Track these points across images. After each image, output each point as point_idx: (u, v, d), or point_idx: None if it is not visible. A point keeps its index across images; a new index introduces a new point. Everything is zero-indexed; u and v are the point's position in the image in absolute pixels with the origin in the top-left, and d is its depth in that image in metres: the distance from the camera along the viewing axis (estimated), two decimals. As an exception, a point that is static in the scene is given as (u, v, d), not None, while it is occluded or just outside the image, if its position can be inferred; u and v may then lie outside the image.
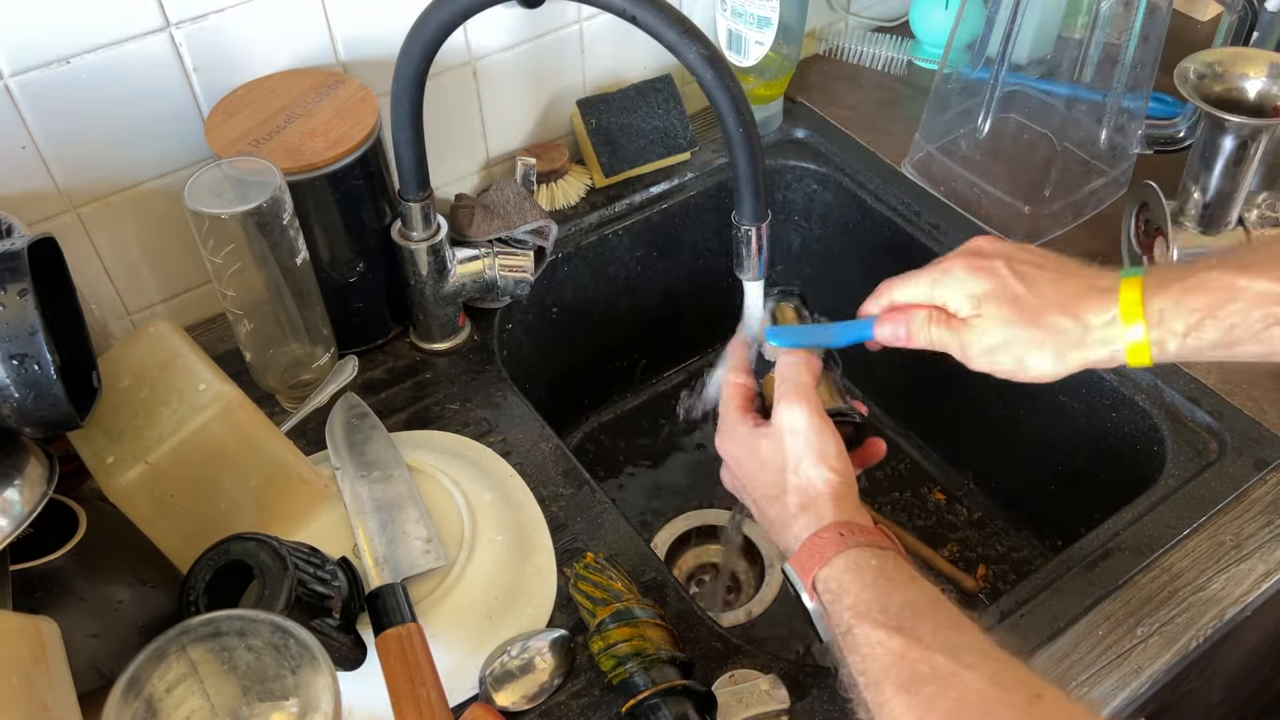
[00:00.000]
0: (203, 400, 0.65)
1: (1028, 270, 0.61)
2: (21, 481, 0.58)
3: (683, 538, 1.00)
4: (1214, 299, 0.56)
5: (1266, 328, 0.55)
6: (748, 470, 0.66)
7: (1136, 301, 0.57)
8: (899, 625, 0.53)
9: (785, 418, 0.63)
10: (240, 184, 0.71)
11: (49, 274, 0.60)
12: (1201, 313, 0.56)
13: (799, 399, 0.63)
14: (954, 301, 0.62)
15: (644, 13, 0.64)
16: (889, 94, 1.12)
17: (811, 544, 0.59)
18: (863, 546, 0.58)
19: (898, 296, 0.65)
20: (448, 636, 0.66)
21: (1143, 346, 0.58)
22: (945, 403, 1.05)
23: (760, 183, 0.67)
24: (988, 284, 0.61)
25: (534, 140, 1.01)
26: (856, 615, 0.55)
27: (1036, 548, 0.99)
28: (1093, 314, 0.59)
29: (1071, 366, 0.60)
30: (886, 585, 0.56)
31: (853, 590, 0.56)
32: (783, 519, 0.63)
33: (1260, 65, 0.86)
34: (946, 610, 0.55)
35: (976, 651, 0.52)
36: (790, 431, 0.62)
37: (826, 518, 0.60)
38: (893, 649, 0.53)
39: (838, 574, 0.57)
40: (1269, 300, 0.55)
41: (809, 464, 0.61)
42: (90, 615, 0.60)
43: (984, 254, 0.63)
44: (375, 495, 0.72)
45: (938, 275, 0.63)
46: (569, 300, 1.00)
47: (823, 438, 0.62)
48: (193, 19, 0.77)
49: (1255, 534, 0.74)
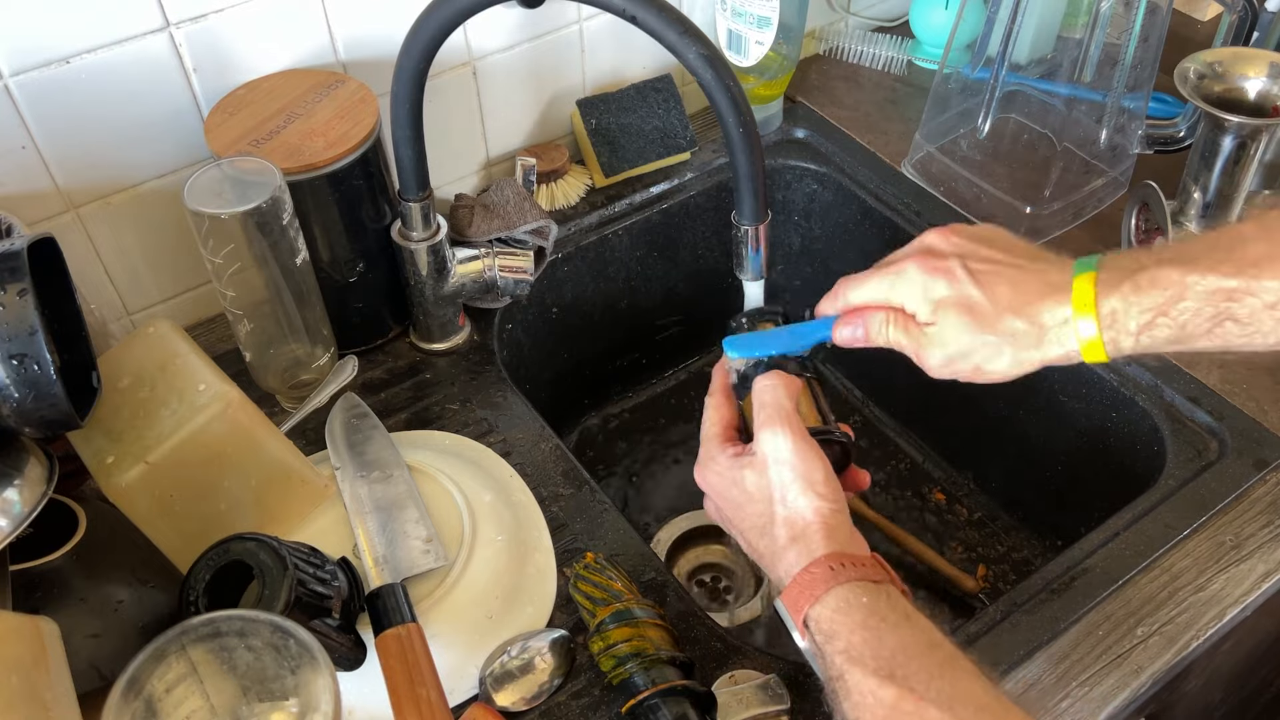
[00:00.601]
0: (203, 400, 0.65)
1: (983, 270, 0.60)
2: (21, 481, 0.58)
3: (683, 538, 1.00)
4: (1165, 298, 0.55)
5: (1218, 324, 0.55)
6: (732, 502, 0.63)
7: (1089, 303, 0.57)
8: (891, 673, 0.52)
9: (768, 445, 0.61)
10: (240, 184, 0.71)
11: (49, 274, 0.60)
12: (1153, 312, 0.56)
13: (780, 424, 0.61)
14: (910, 304, 0.62)
15: (644, 13, 0.64)
16: (889, 94, 1.12)
17: (801, 580, 0.57)
18: (854, 582, 0.56)
19: (853, 298, 0.65)
20: (448, 636, 0.66)
21: (1097, 345, 0.57)
22: (945, 403, 1.05)
23: (760, 183, 0.67)
24: (944, 289, 0.61)
25: (534, 140, 1.01)
26: (848, 660, 0.53)
27: (1036, 548, 0.99)
28: (1047, 315, 0.58)
29: (1028, 367, 0.60)
30: (878, 626, 0.54)
31: (844, 632, 0.55)
32: (772, 552, 0.60)
33: (1260, 65, 0.86)
34: (942, 653, 0.53)
35: (971, 704, 0.51)
36: (774, 461, 0.60)
37: (817, 550, 0.58)
38: (884, 700, 0.51)
39: (829, 613, 0.55)
40: (1219, 297, 0.54)
41: (796, 492, 0.59)
42: (90, 615, 0.60)
43: (939, 253, 0.62)
44: (375, 495, 0.72)
45: (894, 278, 0.62)
46: (569, 300, 1.00)
47: (808, 463, 0.60)
48: (193, 19, 0.77)
49: (1255, 534, 0.74)
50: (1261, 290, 0.53)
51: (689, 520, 1.01)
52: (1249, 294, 0.53)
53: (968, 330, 0.60)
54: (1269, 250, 0.54)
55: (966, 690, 0.51)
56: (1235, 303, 0.54)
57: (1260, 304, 0.53)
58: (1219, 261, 0.54)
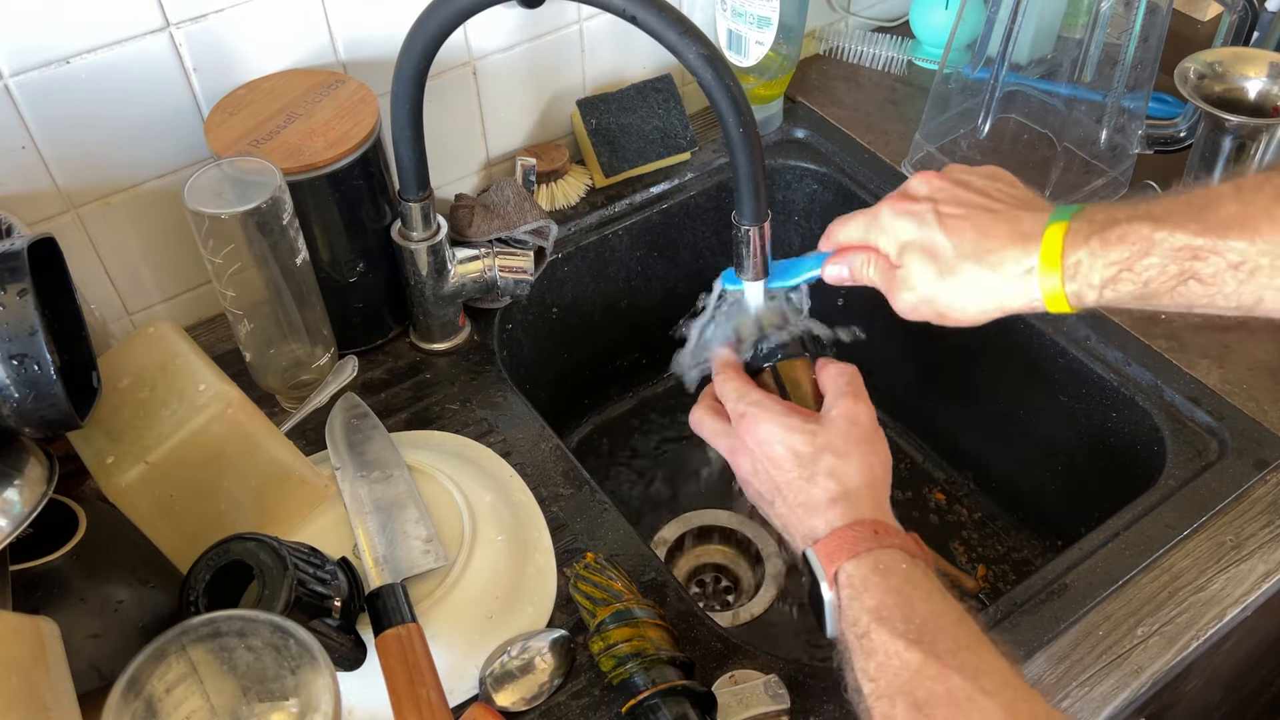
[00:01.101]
0: (203, 400, 0.65)
1: (952, 214, 0.61)
2: (21, 481, 0.58)
3: (683, 538, 1.00)
4: (1131, 252, 0.55)
5: (1182, 282, 0.55)
6: (783, 452, 0.62)
7: (1055, 254, 0.57)
8: (919, 638, 0.52)
9: (850, 409, 0.63)
10: (240, 184, 0.71)
11: (49, 274, 0.60)
12: (1118, 266, 0.56)
13: (861, 399, 0.64)
14: (884, 245, 0.64)
15: (644, 13, 0.64)
16: (889, 94, 1.12)
17: (842, 534, 0.57)
18: (894, 549, 0.57)
19: (840, 237, 0.67)
20: (448, 636, 0.66)
21: (1059, 296, 0.58)
22: (945, 403, 1.05)
23: (760, 183, 0.67)
24: (911, 231, 0.62)
25: (534, 140, 1.01)
26: (876, 619, 0.54)
27: (1036, 548, 0.99)
28: (1011, 263, 0.59)
29: (990, 313, 0.61)
30: (911, 593, 0.55)
31: (877, 591, 0.55)
32: (815, 502, 0.60)
33: (1260, 65, 0.86)
34: (969, 629, 0.54)
35: (996, 677, 0.51)
36: (852, 420, 0.62)
37: (865, 513, 0.58)
38: (909, 662, 0.51)
39: (864, 570, 0.56)
40: (1184, 255, 0.54)
41: (860, 454, 0.61)
42: (90, 615, 0.59)
43: (913, 195, 0.64)
44: (375, 495, 0.72)
45: (870, 219, 0.65)
46: (569, 300, 1.00)
47: (882, 442, 0.62)
48: (193, 19, 0.77)
49: (1255, 534, 0.74)
50: (1226, 250, 0.53)
51: (689, 520, 1.01)
52: (1214, 253, 0.54)
53: (930, 274, 0.61)
54: (1239, 211, 0.54)
55: (991, 665, 0.51)
56: (1200, 261, 0.54)
57: (1224, 263, 0.54)
58: (1189, 219, 0.55)
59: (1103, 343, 0.86)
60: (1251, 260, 0.53)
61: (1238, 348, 0.85)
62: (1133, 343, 0.85)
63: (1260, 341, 0.85)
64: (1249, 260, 0.53)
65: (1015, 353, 0.93)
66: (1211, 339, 0.85)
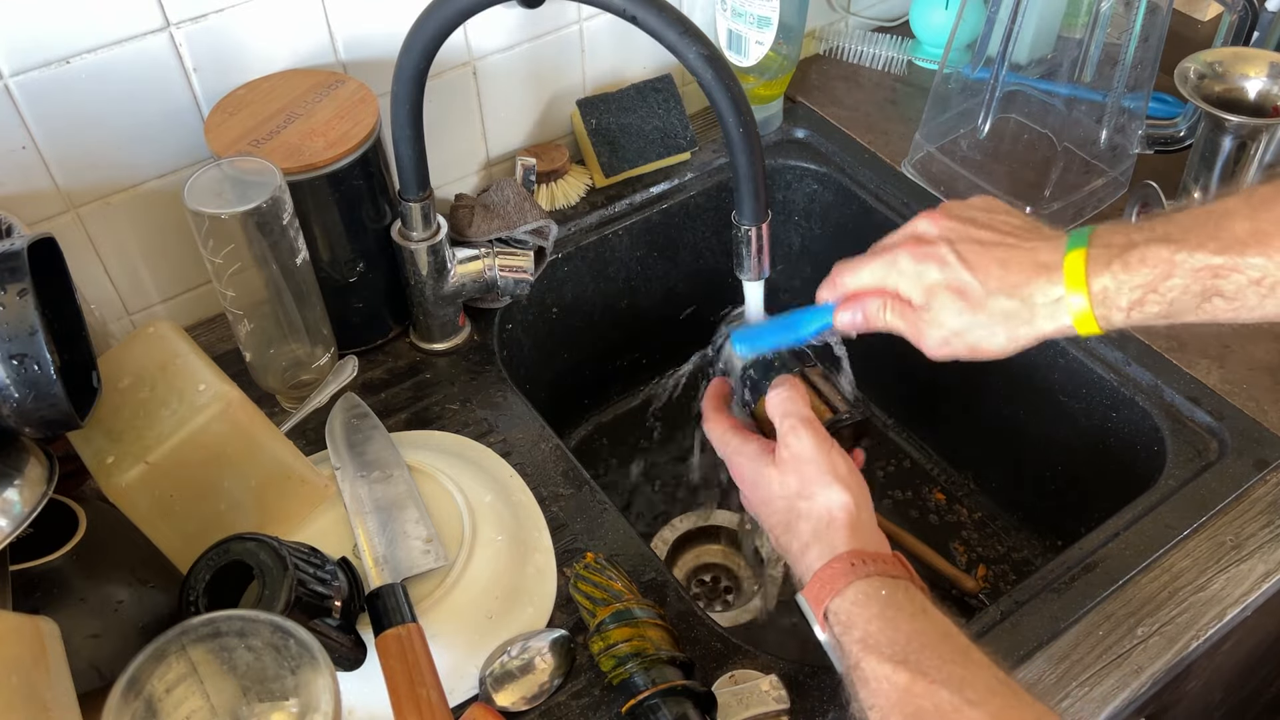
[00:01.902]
0: (203, 400, 0.65)
1: (972, 252, 0.62)
2: (21, 481, 0.58)
3: (683, 538, 1.00)
4: (1154, 275, 0.56)
5: (1206, 300, 0.56)
6: (760, 497, 0.66)
7: (1081, 281, 0.58)
8: (905, 659, 0.53)
9: (793, 447, 0.63)
10: (240, 184, 0.71)
11: (49, 274, 0.60)
12: (1143, 289, 0.57)
13: (803, 427, 0.64)
14: (905, 289, 0.63)
15: (644, 13, 0.64)
16: (889, 94, 1.12)
17: (822, 575, 0.59)
18: (873, 577, 0.58)
19: (850, 283, 0.66)
20: (448, 636, 0.66)
21: (1089, 319, 0.59)
22: (945, 403, 1.05)
23: (760, 183, 0.67)
24: (935, 274, 0.62)
25: (534, 140, 1.01)
26: (864, 648, 0.55)
27: (1036, 548, 0.99)
28: (1039, 294, 0.59)
29: (1023, 344, 0.62)
30: (894, 616, 0.56)
31: (860, 622, 0.56)
32: (796, 548, 0.63)
33: (1260, 65, 0.86)
34: (955, 643, 0.55)
35: (982, 687, 0.52)
36: (798, 459, 0.63)
37: (839, 546, 0.60)
38: (898, 684, 0.53)
39: (847, 605, 0.57)
40: (1206, 274, 0.56)
41: (820, 489, 0.62)
42: (90, 615, 0.59)
43: (927, 239, 0.63)
44: (375, 495, 0.72)
45: (888, 265, 0.64)
46: (569, 300, 1.00)
47: (831, 460, 0.62)
48: (193, 19, 0.77)
49: (1255, 534, 0.74)
50: (1247, 267, 0.54)
51: (689, 520, 1.01)
52: (1235, 270, 0.55)
53: (961, 312, 0.61)
54: (1253, 227, 0.55)
55: (977, 676, 0.53)
56: (1222, 279, 0.55)
57: (1245, 280, 0.55)
58: (1207, 239, 0.56)
59: (1103, 343, 0.86)
60: (1272, 275, 0.54)
61: (1238, 348, 0.85)
62: (1133, 343, 0.85)
63: (1260, 341, 0.85)
64: (1269, 275, 0.54)
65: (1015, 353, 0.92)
66: (1211, 339, 0.85)
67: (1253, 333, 0.85)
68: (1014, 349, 0.62)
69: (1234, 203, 0.56)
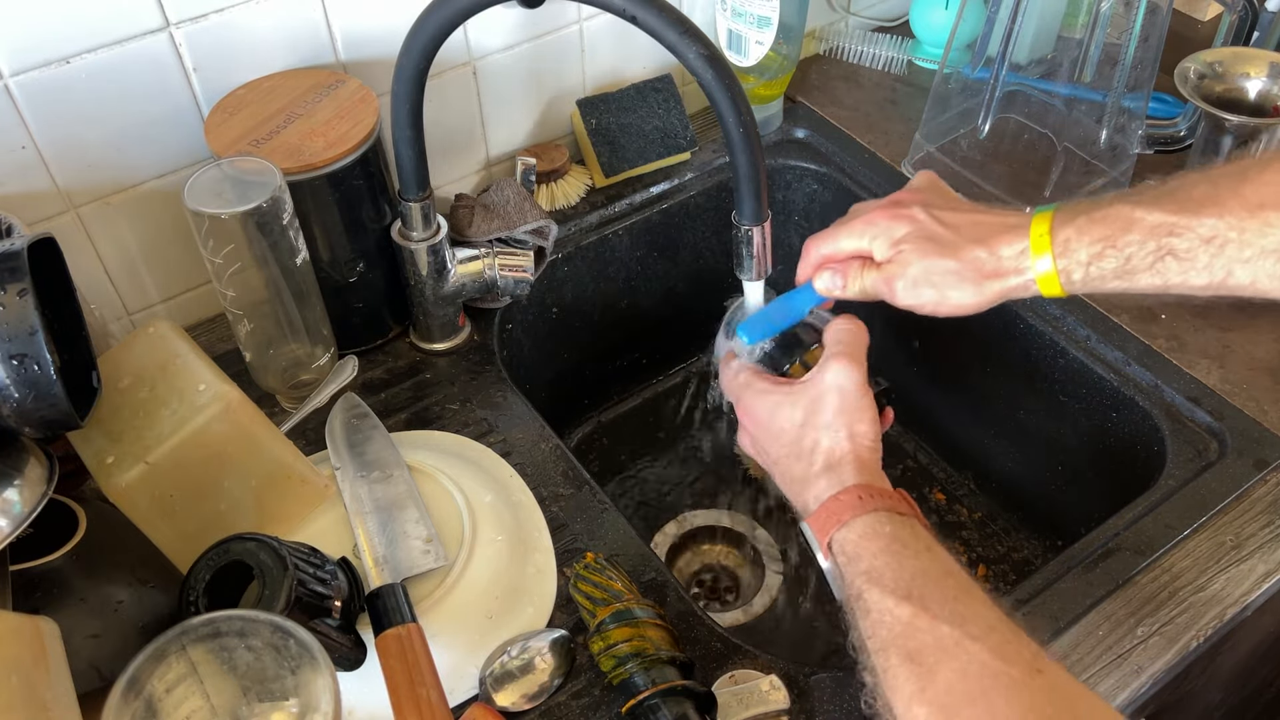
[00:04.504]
0: (203, 400, 0.65)
1: (944, 214, 0.66)
2: (21, 481, 0.58)
3: (683, 538, 1.00)
4: (1113, 229, 0.60)
5: (1159, 259, 0.60)
6: (774, 428, 0.66)
7: (1045, 233, 0.62)
8: (908, 593, 0.55)
9: (834, 374, 0.64)
10: (240, 184, 0.71)
11: (49, 274, 0.60)
12: (1103, 243, 0.61)
13: (852, 360, 0.65)
14: (879, 250, 0.67)
15: (644, 13, 0.64)
16: (889, 94, 1.12)
17: (830, 505, 0.60)
18: (880, 511, 0.59)
19: (825, 249, 0.70)
20: (448, 636, 0.66)
21: (1051, 276, 0.62)
22: (945, 403, 1.05)
23: (760, 183, 0.67)
24: (907, 228, 0.66)
25: (534, 140, 1.01)
26: (869, 580, 0.56)
27: (1036, 548, 0.99)
28: (1005, 246, 0.63)
29: (990, 296, 0.65)
30: (900, 552, 0.57)
31: (866, 555, 0.57)
32: (805, 476, 0.63)
33: (1260, 65, 0.86)
34: (958, 580, 0.56)
35: (982, 623, 0.53)
36: (836, 389, 0.64)
37: (849, 480, 0.61)
38: (900, 616, 0.54)
39: (854, 537, 0.58)
40: (1161, 231, 0.59)
41: (842, 423, 0.63)
42: (90, 615, 0.59)
43: (903, 203, 0.68)
44: (375, 495, 0.72)
45: (863, 226, 0.68)
46: (569, 300, 1.00)
47: (865, 400, 0.64)
48: (193, 19, 0.77)
49: (1255, 534, 0.74)
50: (1199, 225, 0.59)
51: (689, 520, 1.01)
52: (1188, 229, 0.59)
53: (928, 254, 0.65)
54: (1210, 192, 0.59)
55: (978, 613, 0.54)
56: (1176, 237, 0.59)
57: (1198, 239, 0.59)
58: (1165, 200, 0.60)
59: (1103, 343, 0.86)
60: (1221, 235, 0.58)
61: (1238, 348, 0.85)
62: (1133, 343, 0.85)
63: (1260, 341, 0.85)
64: (1219, 235, 0.58)
65: (1015, 353, 0.93)
66: (1211, 339, 0.85)
67: (1253, 333, 0.85)
68: (981, 303, 0.65)
69: (1195, 176, 0.61)
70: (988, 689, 0.50)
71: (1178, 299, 0.62)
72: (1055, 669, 0.52)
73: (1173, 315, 0.87)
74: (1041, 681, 0.51)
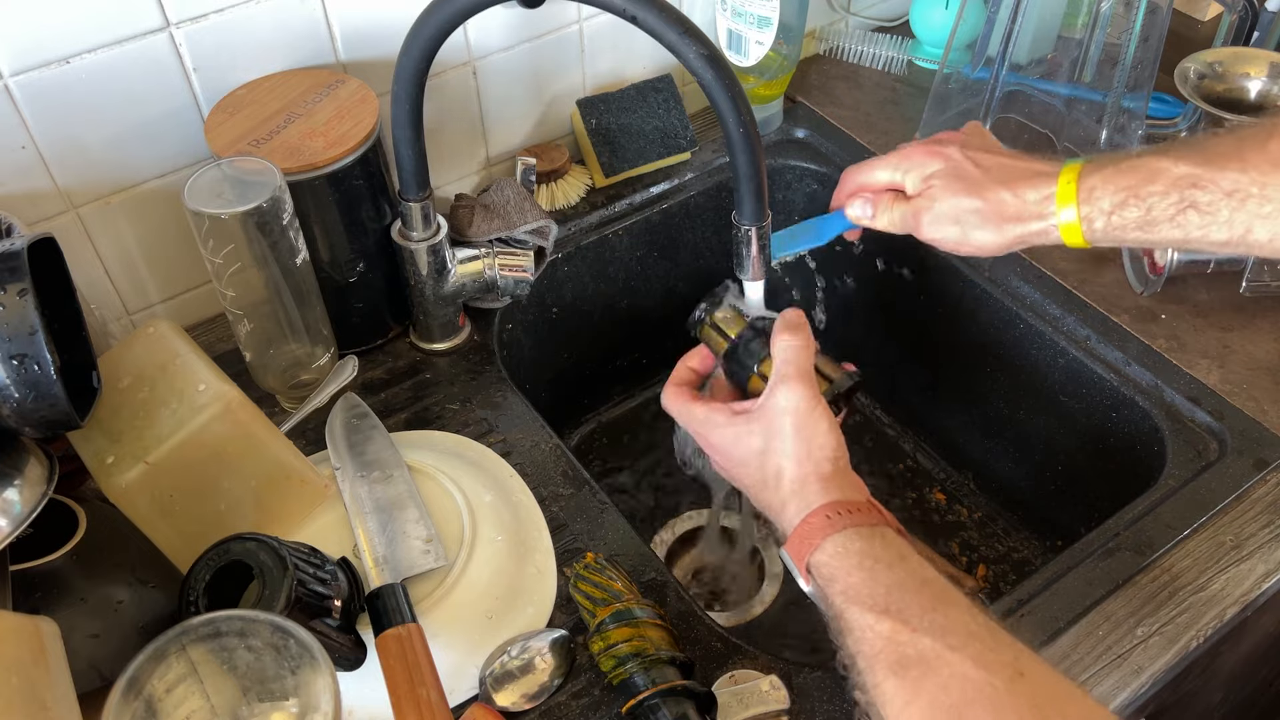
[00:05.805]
0: (203, 400, 0.65)
1: (978, 155, 0.68)
2: (21, 481, 0.58)
3: (683, 538, 1.00)
4: (1138, 179, 0.62)
5: (1181, 210, 0.61)
6: (738, 457, 0.66)
7: (1072, 180, 0.64)
8: (886, 608, 0.55)
9: (783, 397, 0.64)
10: (240, 184, 0.71)
11: (49, 274, 0.60)
12: (1126, 191, 0.62)
13: (798, 380, 0.64)
14: (912, 184, 0.70)
15: (644, 13, 0.64)
16: (889, 94, 1.12)
17: (801, 530, 0.60)
18: (850, 529, 0.59)
19: (861, 179, 0.73)
20: (448, 636, 0.66)
21: (1074, 225, 0.64)
22: (945, 403, 1.05)
23: (760, 183, 0.67)
24: (941, 164, 0.68)
25: (534, 140, 1.01)
26: (847, 599, 0.56)
27: (1036, 548, 0.99)
28: (1031, 190, 0.65)
29: (1009, 239, 0.67)
30: (873, 567, 0.57)
31: (841, 575, 0.58)
32: (776, 504, 0.63)
33: (1260, 65, 0.86)
34: (934, 588, 0.56)
35: (962, 632, 0.53)
36: (790, 411, 0.63)
37: (814, 501, 0.61)
38: (881, 632, 0.54)
39: (827, 558, 0.59)
40: (1185, 183, 0.61)
41: (801, 441, 0.62)
42: (90, 615, 0.60)
43: (941, 142, 0.71)
44: (375, 495, 0.72)
45: (898, 160, 0.71)
46: (569, 300, 1.00)
47: (817, 411, 0.63)
48: (193, 19, 0.77)
49: (1255, 534, 0.74)
50: (1222, 178, 0.60)
51: (689, 520, 1.01)
52: (1211, 182, 0.60)
53: (957, 192, 0.67)
54: (1235, 147, 0.61)
55: (956, 620, 0.54)
56: (1199, 189, 0.61)
57: (1220, 191, 0.60)
58: (1192, 153, 0.62)
59: (1103, 343, 0.86)
60: (1243, 189, 0.59)
61: (1238, 348, 0.85)
62: (1133, 343, 0.85)
63: (1260, 341, 0.85)
64: (1241, 189, 0.59)
65: (1015, 353, 0.93)
66: (1211, 339, 0.85)
67: (1253, 333, 0.85)
68: (1001, 244, 0.67)
69: (1223, 133, 0.63)
70: (971, 701, 0.50)
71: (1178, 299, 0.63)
72: (1040, 670, 0.52)
73: (1173, 315, 0.87)
74: (1024, 687, 0.51)
